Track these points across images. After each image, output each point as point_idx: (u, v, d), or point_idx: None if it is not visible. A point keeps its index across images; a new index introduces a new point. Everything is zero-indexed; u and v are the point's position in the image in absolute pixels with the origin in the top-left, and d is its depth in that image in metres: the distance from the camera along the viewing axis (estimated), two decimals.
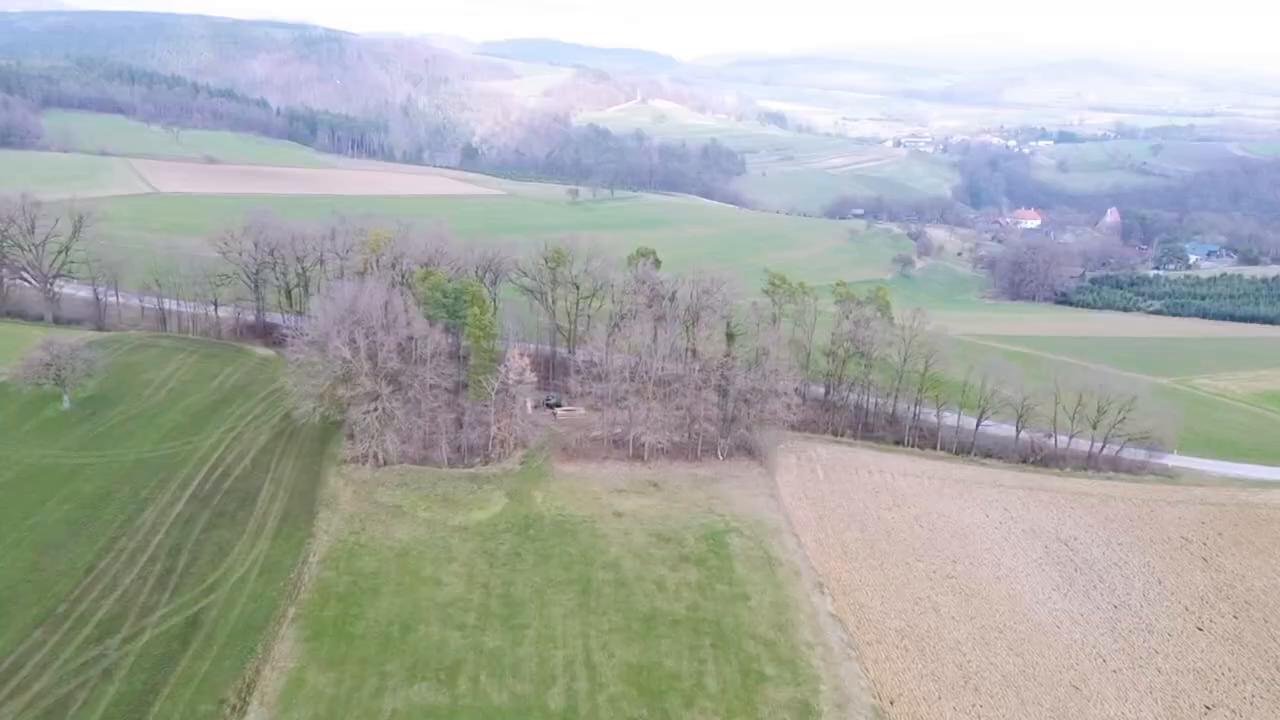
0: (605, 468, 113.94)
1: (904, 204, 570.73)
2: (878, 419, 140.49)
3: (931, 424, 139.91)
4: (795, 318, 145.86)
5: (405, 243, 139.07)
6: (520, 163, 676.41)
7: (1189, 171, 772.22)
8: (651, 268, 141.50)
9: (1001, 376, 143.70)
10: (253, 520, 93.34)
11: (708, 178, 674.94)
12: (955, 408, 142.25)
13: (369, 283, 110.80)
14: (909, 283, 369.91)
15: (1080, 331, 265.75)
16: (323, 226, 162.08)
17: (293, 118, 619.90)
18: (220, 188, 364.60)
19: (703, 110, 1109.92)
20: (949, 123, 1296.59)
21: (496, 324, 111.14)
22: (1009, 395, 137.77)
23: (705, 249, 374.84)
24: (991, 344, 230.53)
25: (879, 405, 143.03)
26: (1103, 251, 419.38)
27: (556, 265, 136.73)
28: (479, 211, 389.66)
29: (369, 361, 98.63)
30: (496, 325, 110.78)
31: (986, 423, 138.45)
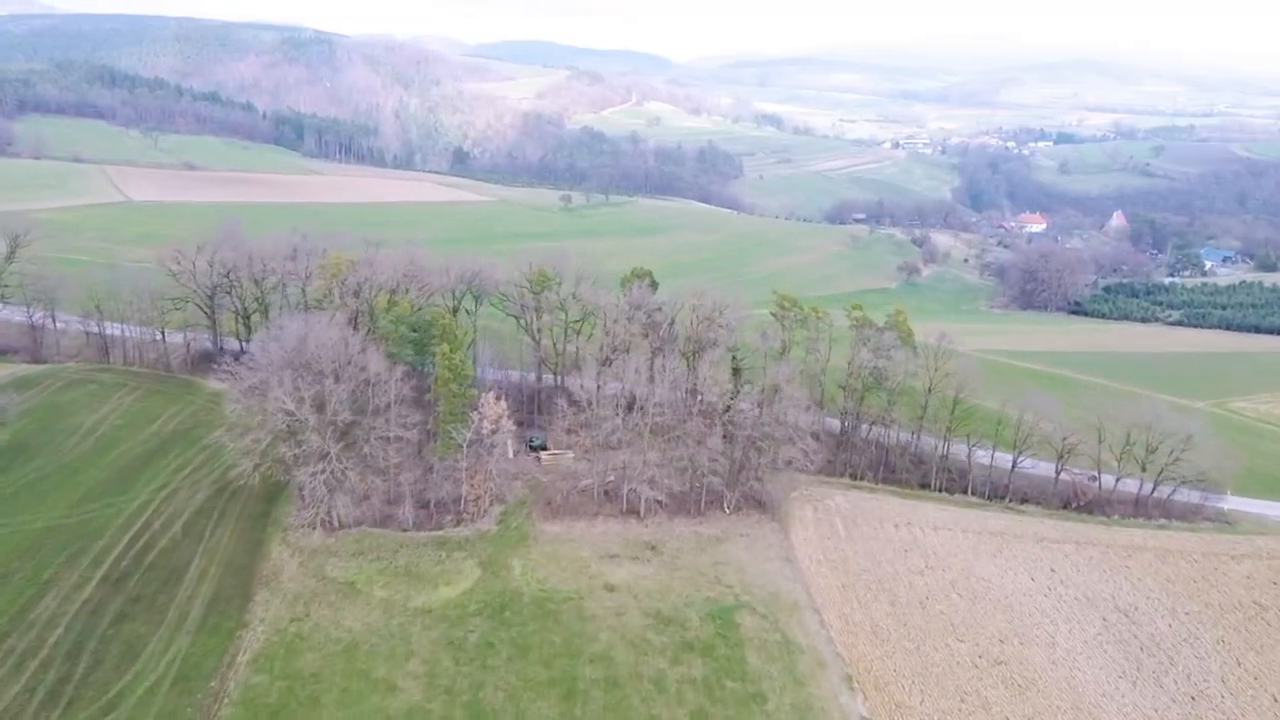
0: (595, 526, 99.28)
1: (905, 208, 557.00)
2: (901, 459, 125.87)
3: (961, 463, 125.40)
4: (807, 343, 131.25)
5: (372, 265, 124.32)
6: (512, 166, 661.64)
7: (1193, 173, 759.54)
8: (648, 290, 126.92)
9: (1039, 409, 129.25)
10: (175, 607, 78.50)
11: (704, 181, 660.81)
12: (987, 444, 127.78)
13: (321, 317, 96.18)
14: (915, 291, 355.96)
15: (1100, 345, 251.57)
16: (287, 244, 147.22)
17: (279, 121, 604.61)
18: (197, 196, 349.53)
19: (698, 112, 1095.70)
20: (946, 124, 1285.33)
21: (469, 364, 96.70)
22: (1048, 431, 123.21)
23: (703, 256, 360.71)
24: (1009, 361, 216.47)
25: (902, 442, 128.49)
26: (1114, 257, 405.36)
27: (541, 289, 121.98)
28: (467, 219, 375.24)
29: (316, 414, 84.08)
30: (469, 365, 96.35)
31: (1023, 461, 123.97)
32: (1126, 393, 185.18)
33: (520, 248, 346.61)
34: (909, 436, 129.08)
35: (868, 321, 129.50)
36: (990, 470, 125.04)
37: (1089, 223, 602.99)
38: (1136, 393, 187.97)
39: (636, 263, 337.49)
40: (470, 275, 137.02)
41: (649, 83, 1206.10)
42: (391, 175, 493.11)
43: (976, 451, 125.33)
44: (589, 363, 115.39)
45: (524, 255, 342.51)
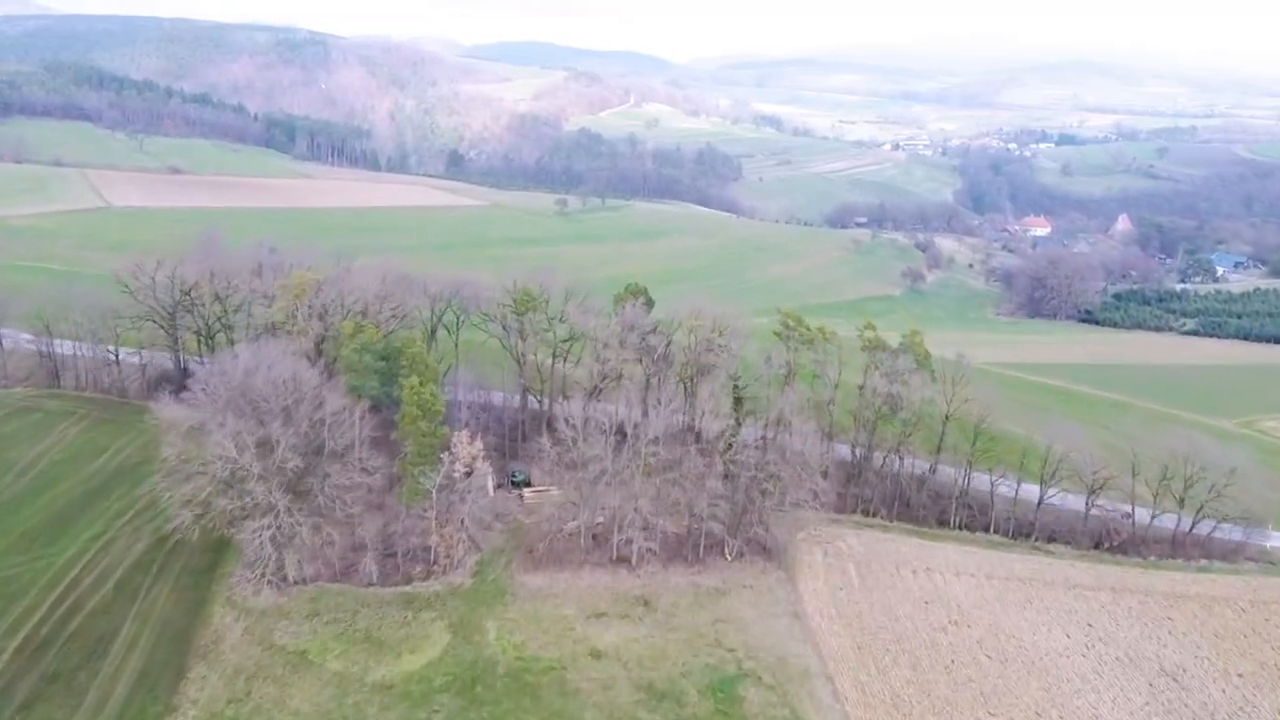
0: (582, 578, 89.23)
1: (907, 211, 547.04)
2: (918, 493, 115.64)
3: (982, 497, 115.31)
4: (814, 366, 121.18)
5: (342, 283, 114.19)
6: (508, 169, 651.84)
7: (1197, 175, 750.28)
8: (642, 310, 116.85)
9: (1066, 438, 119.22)
10: (96, 687, 68.50)
11: (703, 184, 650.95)
12: (1009, 475, 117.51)
13: (273, 347, 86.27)
14: (920, 298, 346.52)
15: (1116, 357, 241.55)
16: (254, 258, 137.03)
17: (270, 124, 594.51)
18: (180, 200, 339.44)
19: (697, 113, 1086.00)
20: (946, 125, 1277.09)
21: (441, 399, 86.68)
22: (1078, 463, 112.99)
23: (701, 263, 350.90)
24: (1022, 376, 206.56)
25: (918, 473, 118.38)
26: (1122, 263, 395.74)
27: (525, 310, 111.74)
28: (459, 224, 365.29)
29: (262, 461, 74.23)
30: (440, 400, 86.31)
31: (1050, 494, 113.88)
32: (1153, 413, 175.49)
33: (513, 254, 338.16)
34: (925, 467, 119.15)
35: (880, 343, 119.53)
36: (1014, 505, 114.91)
37: (1093, 226, 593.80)
38: (1163, 412, 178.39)
39: (632, 269, 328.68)
40: (451, 291, 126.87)
41: (647, 84, 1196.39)
42: (384, 179, 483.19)
43: (999, 483, 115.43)
44: (577, 392, 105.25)
45: (515, 263, 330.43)
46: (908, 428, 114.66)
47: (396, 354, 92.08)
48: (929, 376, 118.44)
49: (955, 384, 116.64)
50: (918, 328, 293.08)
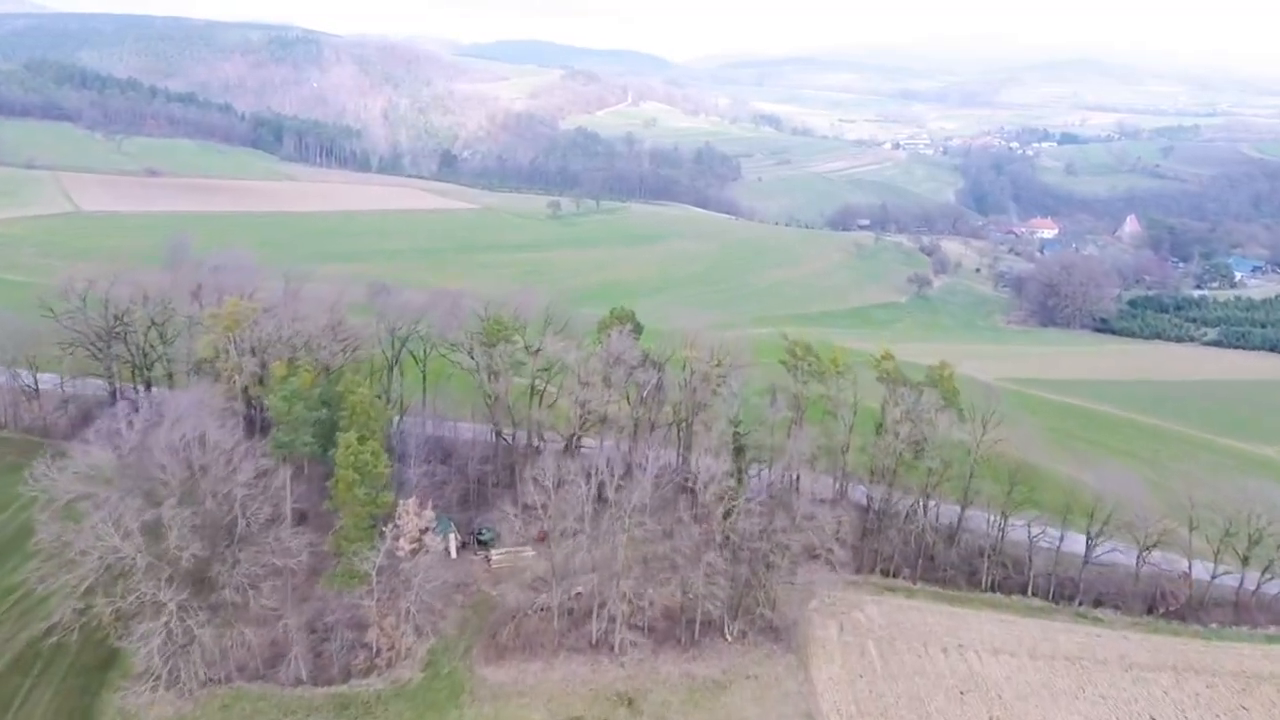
0: (554, 669, 75.13)
1: (911, 213, 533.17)
2: (945, 549, 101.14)
3: (1017, 551, 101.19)
4: (824, 402, 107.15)
5: (290, 308, 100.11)
6: (502, 170, 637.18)
7: (1205, 175, 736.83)
8: (630, 339, 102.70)
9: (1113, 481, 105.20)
10: None
11: (701, 184, 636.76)
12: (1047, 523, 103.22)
13: (180, 399, 72.40)
14: (926, 305, 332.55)
15: (1138, 371, 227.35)
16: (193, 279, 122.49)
17: (257, 123, 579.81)
18: (155, 205, 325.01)
19: (696, 112, 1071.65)
20: (947, 124, 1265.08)
21: (384, 459, 72.31)
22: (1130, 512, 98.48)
23: (698, 268, 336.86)
24: (1041, 394, 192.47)
25: (944, 522, 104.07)
26: (1135, 267, 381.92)
27: (495, 342, 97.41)
28: (447, 228, 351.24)
29: (152, 549, 60.35)
30: (384, 462, 72.02)
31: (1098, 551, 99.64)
32: (1192, 441, 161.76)
33: (502, 259, 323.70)
34: (953, 515, 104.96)
35: (900, 376, 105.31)
36: (1054, 561, 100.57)
37: (1100, 227, 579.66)
38: (1202, 439, 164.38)
39: (627, 275, 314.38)
40: (419, 314, 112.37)
41: (645, 82, 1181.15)
42: (372, 181, 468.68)
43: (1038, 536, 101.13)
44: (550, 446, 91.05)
45: (504, 269, 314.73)
46: (934, 475, 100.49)
47: (339, 400, 78.06)
48: (958, 416, 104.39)
49: (988, 422, 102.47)
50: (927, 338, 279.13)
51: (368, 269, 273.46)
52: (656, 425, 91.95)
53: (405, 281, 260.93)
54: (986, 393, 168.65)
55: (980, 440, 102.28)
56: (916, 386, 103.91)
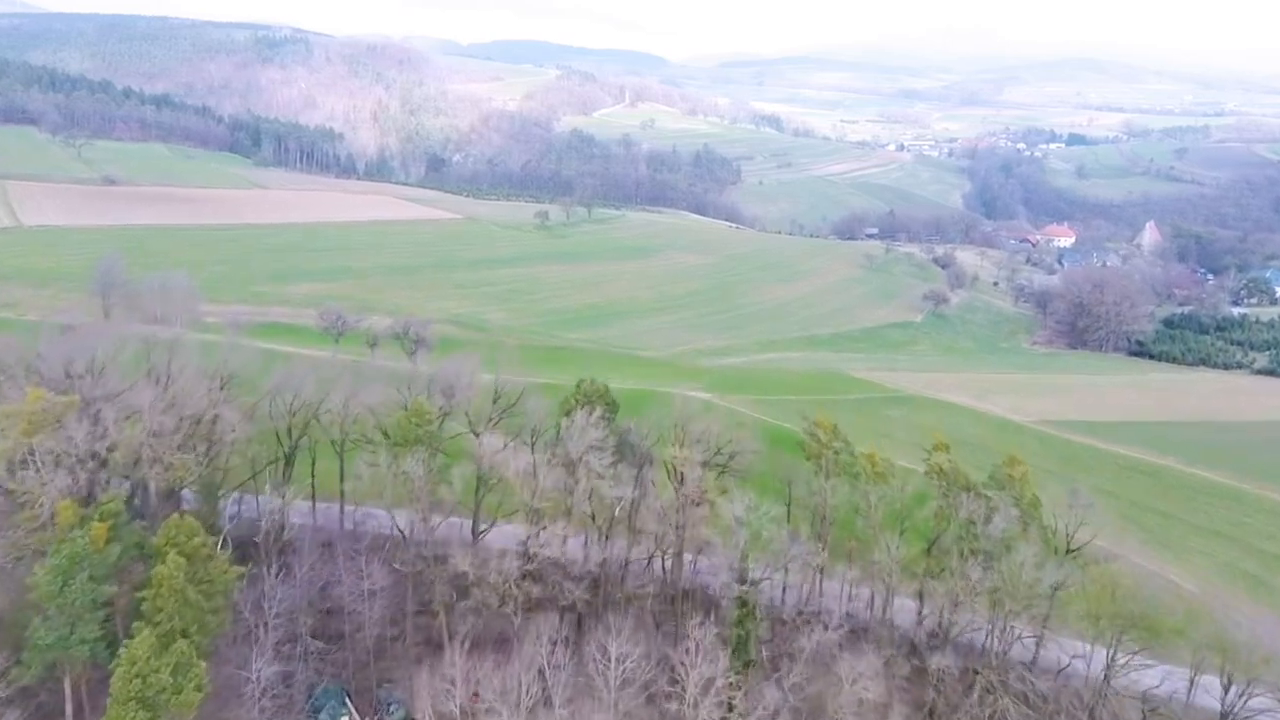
0: None
1: (920, 220, 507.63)
2: (1019, 704, 75.21)
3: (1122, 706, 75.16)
4: (853, 505, 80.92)
5: (137, 394, 73.75)
6: (492, 174, 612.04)
7: (1223, 178, 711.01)
8: (599, 426, 76.29)
9: (1223, 598, 79.64)
10: None
11: (700, 189, 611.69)
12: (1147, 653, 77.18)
13: None
14: (944, 324, 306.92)
15: (1191, 409, 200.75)
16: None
17: (235, 126, 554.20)
18: (107, 217, 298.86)
19: (694, 113, 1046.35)
20: (950, 124, 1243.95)
21: (200, 677, 46.80)
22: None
23: (696, 285, 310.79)
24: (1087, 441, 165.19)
25: (1014, 655, 77.94)
26: (1165, 281, 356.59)
27: (410, 442, 70.94)
28: (425, 242, 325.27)
29: None
30: (200, 669, 46.58)
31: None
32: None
33: (481, 277, 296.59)
34: (1024, 648, 78.75)
35: (959, 478, 78.78)
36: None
37: (1118, 234, 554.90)
38: None
39: (618, 295, 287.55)
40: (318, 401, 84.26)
41: (643, 83, 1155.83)
42: (350, 188, 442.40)
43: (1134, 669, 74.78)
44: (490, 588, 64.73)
45: (483, 289, 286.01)
46: (1000, 609, 73.87)
47: (158, 556, 52.35)
48: (1038, 527, 78.18)
49: (1083, 559, 76.21)
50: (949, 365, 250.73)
51: (330, 290, 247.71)
52: (629, 570, 65.83)
53: (370, 305, 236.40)
54: (1041, 444, 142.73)
55: (1064, 556, 76.65)
56: (979, 492, 77.45)
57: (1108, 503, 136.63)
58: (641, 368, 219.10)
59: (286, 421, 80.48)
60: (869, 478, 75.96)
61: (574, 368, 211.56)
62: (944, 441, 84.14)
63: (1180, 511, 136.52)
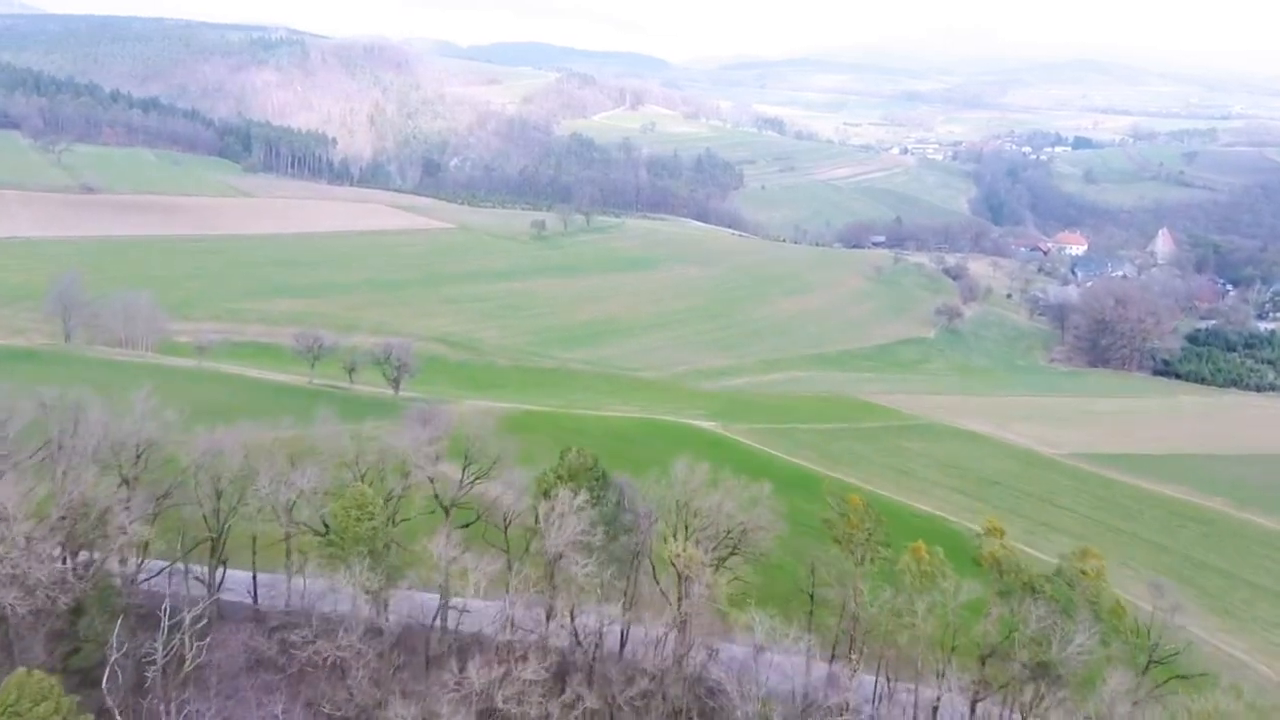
0: None
1: (927, 227, 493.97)
2: None
3: None
4: (899, 614, 66.89)
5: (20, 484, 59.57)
6: (489, 180, 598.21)
7: (1236, 183, 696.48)
8: (583, 513, 62.41)
9: None
10: None
11: (701, 195, 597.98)
12: None
13: None
14: (958, 340, 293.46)
15: (1235, 439, 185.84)
16: None
17: (224, 131, 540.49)
18: (81, 228, 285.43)
19: (695, 116, 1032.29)
20: (954, 127, 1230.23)
21: None
22: None
23: (698, 301, 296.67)
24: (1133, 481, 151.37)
25: None
26: (1185, 293, 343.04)
27: (351, 534, 57.00)
28: (415, 253, 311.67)
29: None
30: None
31: None
32: None
33: (473, 292, 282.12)
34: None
35: (1018, 574, 64.82)
36: None
37: (1130, 241, 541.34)
38: None
39: (617, 311, 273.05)
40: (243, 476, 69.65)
41: (644, 85, 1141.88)
42: (340, 196, 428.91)
43: None
44: None
45: (475, 305, 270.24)
46: None
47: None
48: (1112, 629, 64.22)
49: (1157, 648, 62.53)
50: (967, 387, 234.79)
51: (311, 307, 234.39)
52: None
53: (353, 324, 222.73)
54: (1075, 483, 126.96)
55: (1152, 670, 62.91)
56: (1043, 597, 63.32)
57: (1157, 556, 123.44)
58: (641, 391, 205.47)
59: (212, 504, 66.69)
60: (914, 578, 62.18)
61: (569, 391, 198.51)
62: (998, 527, 70.12)
63: (1239, 568, 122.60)
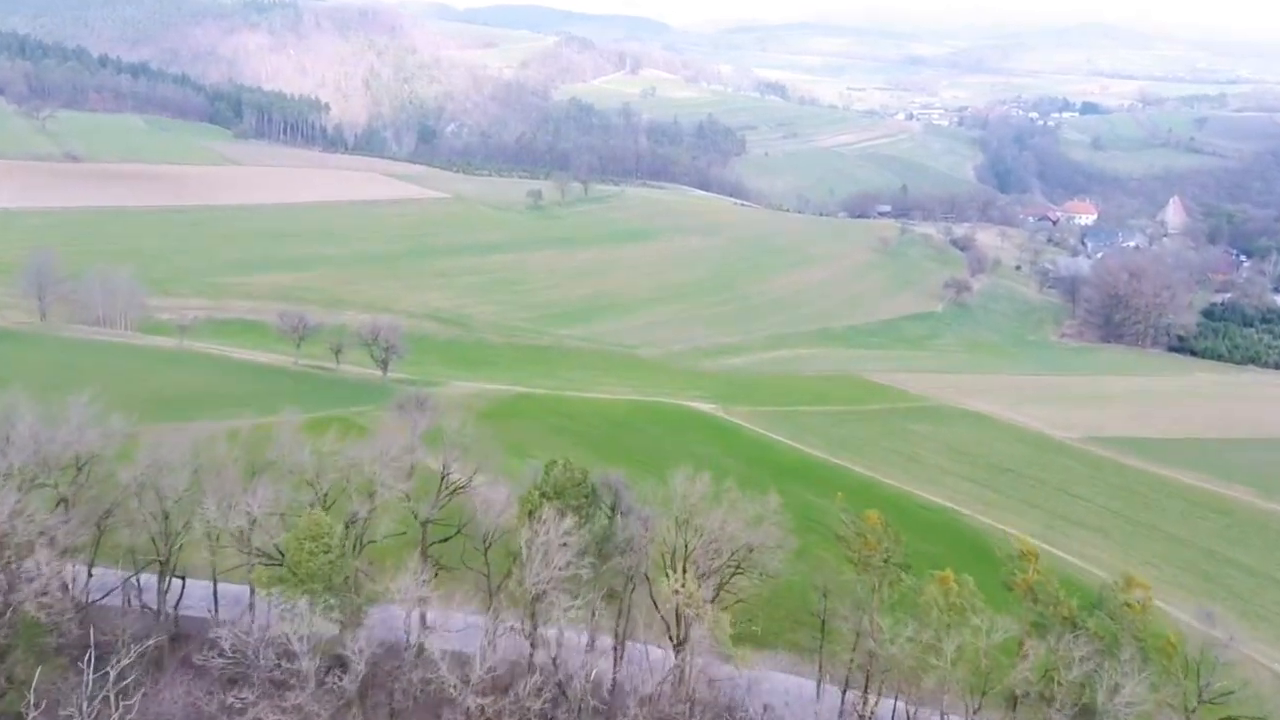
0: None
1: (934, 196, 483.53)
2: None
3: None
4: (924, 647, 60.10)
5: None
6: (486, 147, 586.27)
7: (1246, 150, 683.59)
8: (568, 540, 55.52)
9: None
10: None
11: (703, 162, 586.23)
12: None
13: None
14: (966, 315, 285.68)
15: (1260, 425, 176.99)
16: None
17: (215, 97, 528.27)
18: (63, 198, 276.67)
19: (696, 80, 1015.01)
20: (959, 92, 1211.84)
21: None
22: None
23: (699, 273, 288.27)
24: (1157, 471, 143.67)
25: None
26: (1199, 265, 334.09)
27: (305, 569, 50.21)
28: (408, 224, 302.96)
29: None
30: None
31: None
32: None
33: (467, 265, 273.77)
34: None
35: (1059, 604, 58.07)
36: None
37: (1140, 209, 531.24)
38: None
39: (615, 286, 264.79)
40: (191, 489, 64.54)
41: (644, 49, 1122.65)
42: (332, 164, 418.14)
43: None
44: None
45: (467, 278, 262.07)
46: None
47: None
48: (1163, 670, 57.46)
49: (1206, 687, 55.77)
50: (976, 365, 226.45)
51: (299, 281, 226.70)
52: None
53: (342, 299, 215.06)
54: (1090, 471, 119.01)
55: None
56: (1090, 631, 56.51)
57: (1178, 551, 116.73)
58: (639, 371, 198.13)
59: (158, 526, 59.80)
60: (941, 612, 55.39)
61: (564, 370, 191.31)
62: (1031, 549, 63.18)
63: (1266, 565, 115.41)
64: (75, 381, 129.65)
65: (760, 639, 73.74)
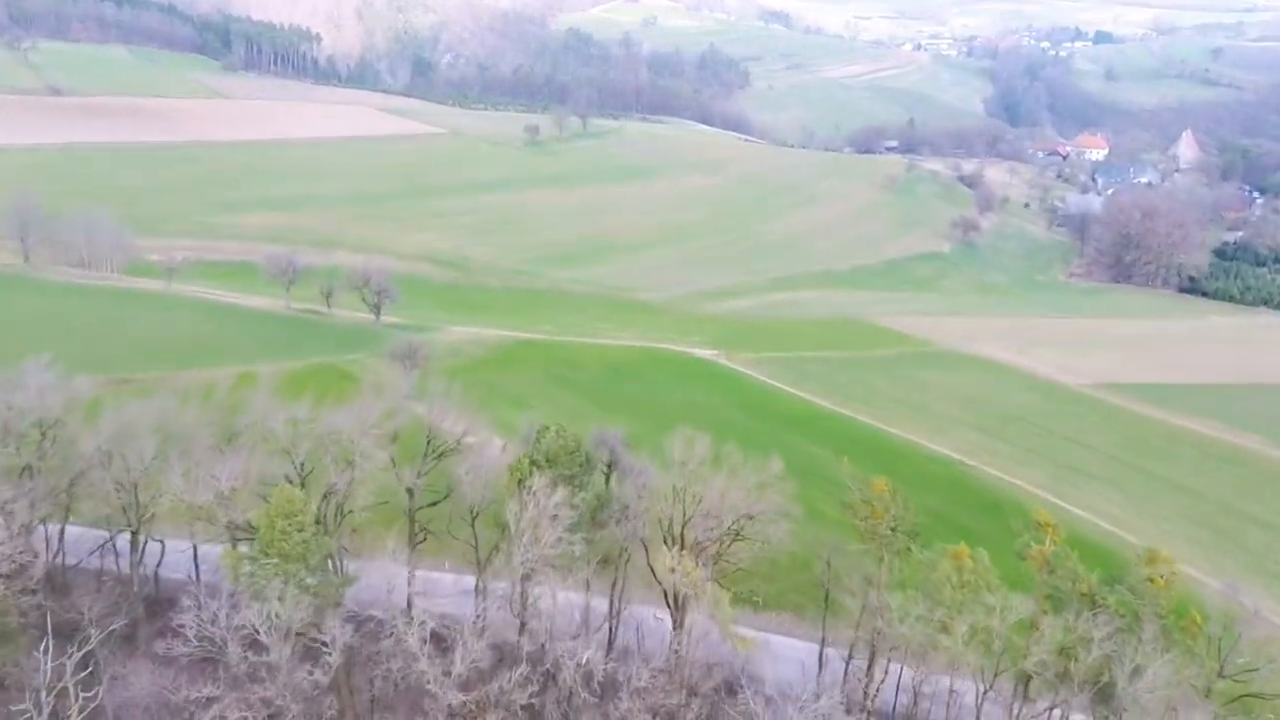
0: None
1: (942, 130, 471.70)
2: None
3: None
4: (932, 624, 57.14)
5: None
6: (482, 80, 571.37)
7: (1263, 82, 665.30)
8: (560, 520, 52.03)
9: None
10: None
11: (705, 96, 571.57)
12: None
13: None
14: (974, 255, 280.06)
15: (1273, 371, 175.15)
16: None
17: (203, 27, 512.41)
18: (45, 134, 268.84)
19: (698, 9, 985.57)
20: (969, 20, 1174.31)
21: None
22: None
23: (702, 213, 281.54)
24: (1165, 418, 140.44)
25: None
26: (1212, 202, 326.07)
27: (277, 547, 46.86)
28: (402, 161, 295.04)
29: None
30: None
31: None
32: None
33: (464, 205, 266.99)
34: None
35: (1077, 578, 54.88)
36: None
37: (1152, 142, 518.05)
38: None
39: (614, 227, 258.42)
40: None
41: None
42: (326, 97, 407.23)
43: None
44: None
45: (464, 218, 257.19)
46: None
47: None
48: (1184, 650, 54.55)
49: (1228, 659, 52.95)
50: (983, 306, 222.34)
51: (290, 221, 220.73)
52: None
53: (333, 240, 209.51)
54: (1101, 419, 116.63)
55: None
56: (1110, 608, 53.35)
57: (1192, 504, 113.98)
58: (640, 315, 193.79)
59: (127, 496, 56.41)
60: (954, 590, 52.28)
61: (564, 314, 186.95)
62: (1048, 520, 59.74)
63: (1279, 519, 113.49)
64: (55, 330, 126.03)
65: (760, 605, 71.36)
